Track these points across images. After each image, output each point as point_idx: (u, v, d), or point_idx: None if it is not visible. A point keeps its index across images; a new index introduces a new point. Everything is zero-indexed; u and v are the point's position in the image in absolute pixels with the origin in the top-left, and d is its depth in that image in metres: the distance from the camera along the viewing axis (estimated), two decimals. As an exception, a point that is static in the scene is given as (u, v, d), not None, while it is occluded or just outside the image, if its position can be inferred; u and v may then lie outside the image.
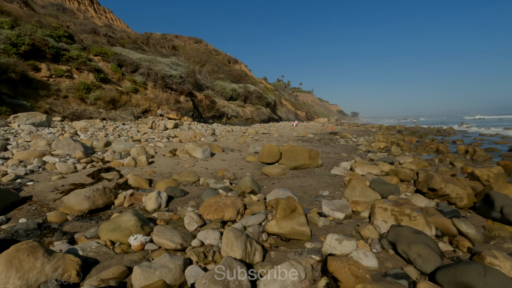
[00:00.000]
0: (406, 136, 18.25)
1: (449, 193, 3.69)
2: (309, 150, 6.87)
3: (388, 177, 5.27)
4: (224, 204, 3.44)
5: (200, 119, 21.17)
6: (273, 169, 5.97)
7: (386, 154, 9.14)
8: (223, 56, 42.96)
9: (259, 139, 13.85)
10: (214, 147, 9.06)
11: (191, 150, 7.76)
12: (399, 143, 12.36)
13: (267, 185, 5.18)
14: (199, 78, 24.22)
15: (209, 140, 12.02)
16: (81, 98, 13.98)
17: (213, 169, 6.36)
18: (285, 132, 20.32)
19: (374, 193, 4.07)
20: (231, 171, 6.20)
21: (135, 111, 16.37)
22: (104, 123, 13.37)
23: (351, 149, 11.05)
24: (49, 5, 31.49)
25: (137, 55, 19.70)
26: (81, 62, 14.91)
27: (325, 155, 9.15)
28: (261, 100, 31.58)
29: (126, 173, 5.75)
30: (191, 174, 5.57)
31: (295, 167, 6.66)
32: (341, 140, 14.58)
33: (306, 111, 64.76)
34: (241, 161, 7.49)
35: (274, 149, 6.83)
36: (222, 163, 7.06)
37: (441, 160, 8.27)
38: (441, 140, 14.29)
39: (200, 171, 6.18)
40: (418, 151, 10.58)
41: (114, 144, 7.93)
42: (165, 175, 5.75)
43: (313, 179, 5.60)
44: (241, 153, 8.86)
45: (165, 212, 3.63)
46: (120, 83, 17.05)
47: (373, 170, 6.07)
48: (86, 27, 25.29)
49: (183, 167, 6.55)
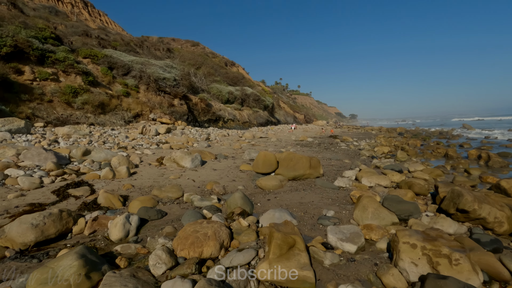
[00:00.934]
0: (409, 139, 17.58)
1: (485, 217, 2.98)
2: (309, 158, 6.16)
3: (401, 191, 4.55)
4: (204, 236, 2.70)
5: (195, 123, 20.44)
6: (269, 181, 5.24)
7: (392, 160, 8.44)
8: (220, 58, 42.33)
9: (255, 144, 13.13)
10: (205, 155, 8.33)
11: (178, 159, 7.02)
12: (404, 147, 11.67)
13: (261, 201, 4.44)
14: (194, 81, 23.52)
15: (202, 145, 11.29)
16: (67, 102, 13.24)
17: (202, 181, 5.63)
18: (283, 135, 19.61)
19: (389, 215, 3.35)
20: (221, 183, 5.47)
21: (126, 116, 15.63)
22: (91, 129, 12.62)
23: (353, 155, 10.35)
24: (41, 8, 30.82)
25: (129, 57, 19.00)
26: (68, 65, 14.18)
27: (327, 162, 8.43)
28: (259, 103, 30.90)
29: (100, 187, 5.01)
30: (175, 189, 4.83)
31: (294, 177, 5.94)
32: (342, 144, 13.88)
33: (304, 113, 64.17)
34: (234, 170, 6.76)
35: (270, 157, 6.11)
36: (212, 174, 6.33)
37: (453, 167, 7.56)
38: (447, 144, 13.61)
39: (186, 184, 5.44)
40: (425, 156, 9.88)
41: (94, 153, 7.18)
42: (145, 189, 5.01)
43: (315, 193, 4.88)
44: (235, 161, 8.13)
45: (131, 245, 2.88)
46: (110, 86, 16.32)
47: (382, 181, 5.35)
48: (78, 29, 24.61)
49: (167, 179, 5.82)
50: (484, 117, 78.70)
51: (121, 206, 4.12)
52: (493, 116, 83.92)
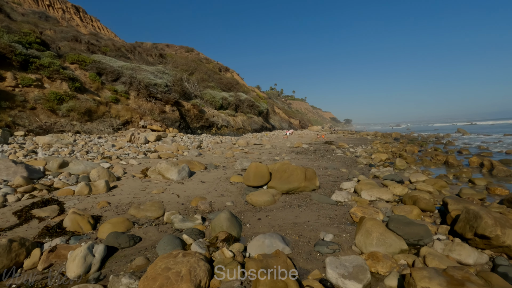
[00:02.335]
0: (406, 145, 17.28)
1: (509, 245, 2.55)
2: (304, 170, 5.70)
3: (406, 207, 4.11)
4: (177, 276, 2.21)
5: (188, 130, 19.91)
6: (261, 196, 4.76)
7: (391, 169, 8.04)
8: (214, 64, 42.02)
9: (249, 151, 12.66)
10: (194, 165, 7.83)
11: (164, 171, 6.51)
12: (402, 154, 11.31)
13: (251, 221, 3.96)
14: (187, 87, 23.07)
15: (192, 154, 10.78)
16: (51, 110, 12.64)
17: (187, 197, 5.12)
18: (278, 142, 19.18)
19: (397, 240, 2.89)
20: (208, 199, 4.97)
21: (115, 123, 15.06)
22: (76, 137, 12.04)
23: (350, 163, 9.94)
24: (30, 13, 30.24)
25: (119, 63, 18.49)
26: (53, 70, 13.62)
27: (323, 171, 7.99)
28: (253, 109, 30.53)
29: (71, 206, 4.48)
30: (155, 207, 4.33)
31: (288, 190, 5.48)
32: (338, 151, 13.49)
33: (299, 119, 64.03)
34: (224, 182, 6.27)
35: (262, 169, 5.64)
36: (199, 187, 5.83)
37: (456, 176, 7.18)
38: (445, 150, 13.31)
39: (169, 199, 4.93)
40: (425, 164, 9.51)
41: (72, 165, 6.63)
42: (122, 207, 4.49)
43: (311, 210, 4.41)
44: (225, 171, 7.64)
45: (88, 286, 2.38)
46: (98, 92, 15.76)
47: (384, 195, 4.92)
48: (67, 34, 24.08)
49: (150, 193, 5.30)
50: (477, 122, 79.53)
51: (90, 230, 3.60)
52: (484, 121, 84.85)
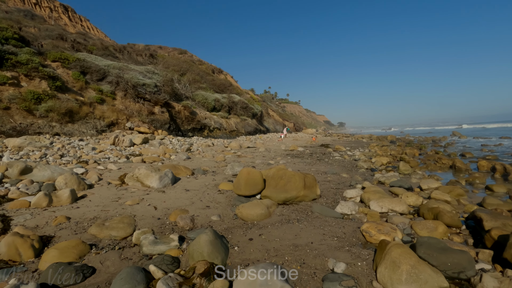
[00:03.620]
0: (404, 147, 16.76)
1: None
2: (303, 176, 4.97)
3: (428, 223, 3.41)
4: None
5: (178, 132, 19.05)
6: (253, 208, 4.00)
7: (396, 174, 7.37)
8: (207, 65, 41.25)
9: (242, 155, 11.89)
10: (179, 170, 7.02)
11: (143, 177, 5.70)
12: (403, 158, 10.69)
13: (240, 242, 3.20)
14: (178, 87, 22.23)
15: (180, 158, 9.98)
16: (28, 110, 11.69)
17: (166, 209, 4.33)
18: (272, 145, 18.47)
19: (433, 274, 2.17)
20: (190, 211, 4.19)
21: (99, 125, 14.14)
22: (54, 139, 11.11)
23: (350, 167, 9.26)
24: (15, 11, 29.09)
25: (105, 62, 17.58)
26: (31, 68, 12.67)
27: (322, 176, 7.27)
28: (247, 111, 29.80)
29: (21, 221, 3.65)
30: (124, 223, 3.54)
31: (284, 200, 4.73)
32: (336, 154, 12.83)
33: (294, 121, 63.59)
34: (211, 191, 5.49)
35: (255, 175, 4.89)
36: (183, 197, 5.04)
37: (468, 182, 6.54)
38: (447, 153, 12.76)
39: (144, 212, 4.13)
40: (430, 168, 8.89)
41: (36, 170, 5.77)
42: (84, 224, 3.68)
43: (313, 226, 3.67)
44: (214, 177, 6.86)
45: None
46: (82, 92, 14.83)
47: (397, 206, 4.21)
48: (52, 32, 23.08)
49: (123, 205, 4.49)
50: (468, 125, 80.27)
51: (31, 258, 2.78)
52: (476, 124, 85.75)
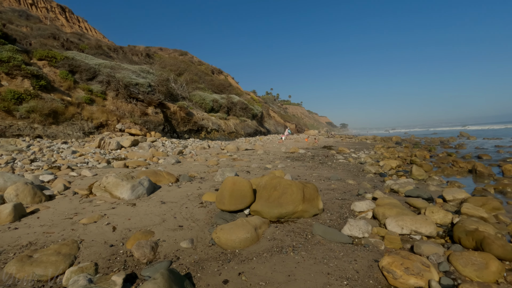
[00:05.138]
0: (411, 149, 15.76)
1: None
2: (302, 186, 4.03)
3: (472, 256, 2.47)
4: None
5: (173, 134, 18.17)
6: (234, 232, 3.07)
7: (410, 180, 6.40)
8: (207, 66, 40.44)
9: (237, 158, 10.97)
10: (161, 177, 6.11)
11: (111, 187, 4.79)
12: (414, 161, 9.71)
13: (211, 286, 2.27)
14: (174, 87, 21.38)
15: (169, 162, 9.08)
16: (7, 111, 10.85)
17: (126, 230, 3.41)
18: (272, 147, 17.53)
19: None
20: (157, 234, 3.27)
21: (86, 126, 13.29)
22: (35, 142, 10.27)
23: (356, 171, 8.31)
24: (9, 11, 28.49)
25: (96, 61, 16.77)
26: (13, 66, 11.87)
27: (325, 184, 6.32)
28: (247, 112, 28.90)
29: None
30: (60, 254, 2.63)
31: (278, 217, 3.81)
32: (339, 157, 11.87)
33: (295, 123, 62.58)
34: (191, 203, 4.57)
35: (242, 186, 3.95)
36: (154, 212, 4.12)
37: (499, 190, 5.56)
38: (460, 155, 11.75)
39: (96, 235, 3.22)
40: (446, 173, 7.91)
41: (-14, 179, 4.89)
42: (8, 255, 2.76)
43: (314, 259, 2.73)
44: (201, 185, 5.95)
45: None
46: (70, 92, 14.01)
47: (422, 226, 3.26)
48: (45, 32, 22.36)
49: (75, 224, 3.58)
50: (473, 126, 78.72)
51: None
52: (478, 125, 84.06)
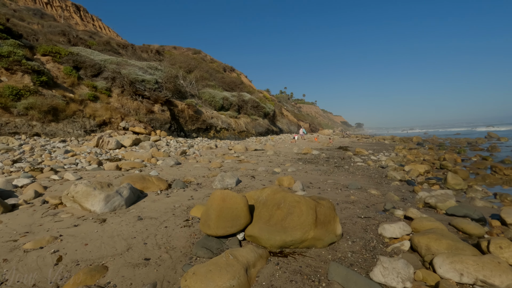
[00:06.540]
0: (438, 151, 14.30)
1: None
2: (314, 204, 3.02)
3: None
4: None
5: (180, 133, 17.47)
6: (212, 280, 2.10)
7: (449, 192, 5.23)
8: (218, 64, 39.77)
9: (244, 159, 10.02)
10: (149, 183, 5.25)
11: (80, 197, 3.96)
12: (445, 165, 8.43)
13: None
14: (183, 85, 20.71)
15: (167, 163, 8.27)
16: (4, 107, 10.40)
17: (73, 262, 2.51)
18: (283, 147, 16.50)
19: None
20: (110, 272, 2.35)
21: (88, 124, 12.74)
22: (31, 140, 9.75)
23: (378, 178, 7.17)
24: (24, 10, 28.80)
25: (101, 56, 16.29)
26: (13, 61, 11.44)
27: (343, 195, 5.26)
28: (258, 110, 27.93)
29: None
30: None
31: (282, 246, 2.83)
32: (357, 159, 10.70)
33: (309, 122, 61.04)
34: (175, 220, 3.66)
35: (235, 203, 2.98)
36: (123, 232, 3.23)
37: None
38: (498, 159, 10.30)
39: (32, 270, 2.33)
40: (488, 181, 6.65)
41: None
42: None
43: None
44: (195, 194, 5.04)
45: None
46: (73, 88, 13.53)
47: (493, 274, 2.19)
48: (55, 29, 22.22)
49: (15, 250, 2.74)
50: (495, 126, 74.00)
51: None
52: (502, 126, 78.86)
